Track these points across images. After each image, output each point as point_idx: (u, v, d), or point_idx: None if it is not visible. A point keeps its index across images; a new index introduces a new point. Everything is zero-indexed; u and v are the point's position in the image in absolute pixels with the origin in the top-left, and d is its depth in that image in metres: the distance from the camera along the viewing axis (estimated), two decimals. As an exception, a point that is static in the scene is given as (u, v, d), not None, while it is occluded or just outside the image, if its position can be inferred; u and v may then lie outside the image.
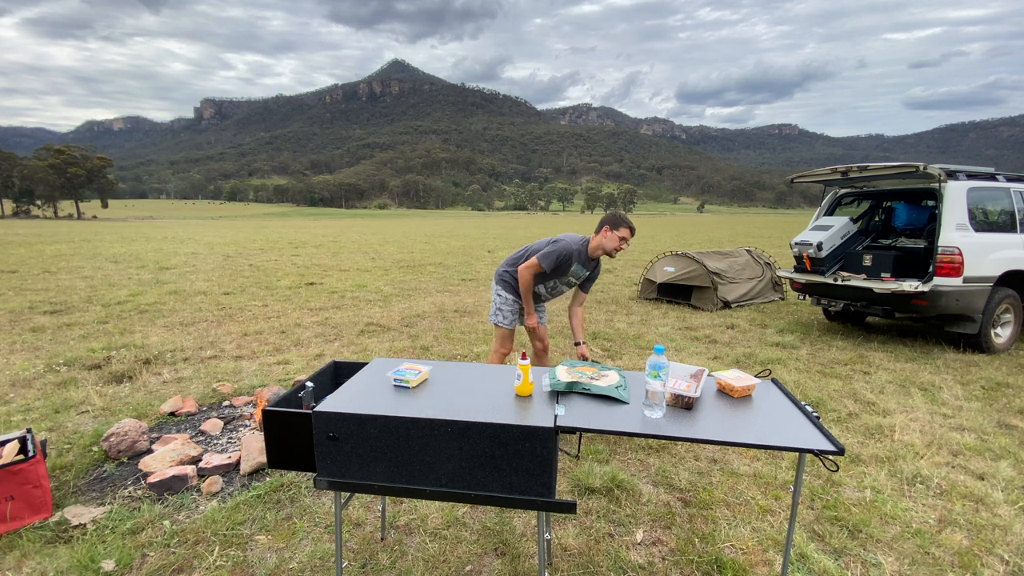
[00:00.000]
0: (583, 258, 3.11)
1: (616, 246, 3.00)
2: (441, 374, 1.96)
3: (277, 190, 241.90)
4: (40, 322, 6.30)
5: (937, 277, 4.77)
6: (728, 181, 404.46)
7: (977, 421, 3.51)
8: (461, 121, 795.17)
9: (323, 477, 1.63)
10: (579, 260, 3.10)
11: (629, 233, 2.97)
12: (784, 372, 4.57)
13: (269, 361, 4.84)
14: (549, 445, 1.49)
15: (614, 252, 3.02)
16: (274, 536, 2.27)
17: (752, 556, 2.13)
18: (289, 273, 11.37)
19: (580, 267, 3.13)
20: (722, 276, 7.58)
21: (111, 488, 2.63)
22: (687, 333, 6.02)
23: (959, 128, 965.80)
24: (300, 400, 1.83)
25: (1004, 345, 5.21)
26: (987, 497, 2.58)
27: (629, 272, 11.90)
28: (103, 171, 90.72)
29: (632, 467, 2.88)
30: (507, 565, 2.08)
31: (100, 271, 11.26)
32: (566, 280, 3.21)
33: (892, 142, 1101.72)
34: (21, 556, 2.10)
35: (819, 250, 5.59)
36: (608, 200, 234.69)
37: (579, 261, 3.11)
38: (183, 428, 3.33)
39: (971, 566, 2.08)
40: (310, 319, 6.69)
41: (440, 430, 1.54)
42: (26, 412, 3.56)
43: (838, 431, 3.36)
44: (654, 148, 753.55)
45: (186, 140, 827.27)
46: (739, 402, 1.73)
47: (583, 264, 3.13)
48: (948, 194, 4.88)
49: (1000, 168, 5.57)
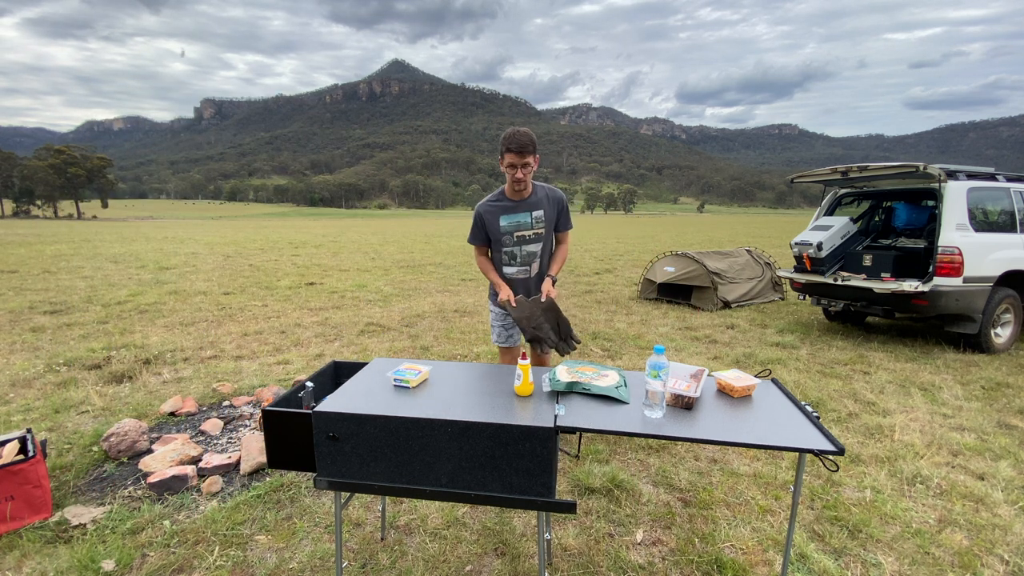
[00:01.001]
0: (505, 206, 2.61)
1: (510, 177, 2.49)
2: (441, 374, 1.96)
3: (277, 190, 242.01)
4: (40, 322, 6.30)
5: (937, 277, 4.77)
6: (728, 181, 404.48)
7: (977, 421, 3.51)
8: (461, 121, 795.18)
9: (323, 477, 1.63)
10: (503, 212, 2.61)
11: (511, 156, 2.40)
12: (784, 372, 4.57)
13: (269, 361, 4.84)
14: (549, 445, 1.49)
15: (515, 185, 2.50)
16: (274, 536, 2.27)
17: (752, 556, 2.13)
18: (289, 273, 11.37)
19: (512, 217, 2.60)
20: (722, 276, 7.58)
21: (111, 488, 2.62)
22: (687, 333, 6.02)
23: (959, 128, 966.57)
24: (300, 400, 1.83)
25: (1004, 345, 5.21)
26: (987, 497, 2.57)
27: (629, 272, 11.90)
28: (103, 171, 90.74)
29: (632, 467, 2.88)
30: (507, 565, 2.08)
31: (100, 271, 11.26)
32: (515, 240, 2.63)
33: (892, 142, 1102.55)
34: (21, 556, 2.10)
35: (819, 250, 5.59)
36: (608, 200, 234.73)
37: (504, 213, 2.61)
38: (183, 428, 3.33)
39: (971, 566, 2.08)
40: (310, 319, 6.69)
41: (440, 430, 1.54)
42: (26, 412, 3.56)
43: (838, 431, 3.36)
44: (654, 148, 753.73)
45: (186, 140, 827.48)
46: (739, 402, 1.73)
47: (510, 211, 2.60)
48: (948, 194, 4.88)
49: (1000, 168, 5.57)
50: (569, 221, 2.77)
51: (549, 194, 2.67)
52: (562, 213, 2.73)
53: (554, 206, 2.68)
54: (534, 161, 2.47)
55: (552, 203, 2.67)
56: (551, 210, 2.66)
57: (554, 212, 2.68)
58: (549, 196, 2.66)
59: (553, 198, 2.68)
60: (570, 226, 2.79)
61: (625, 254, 16.99)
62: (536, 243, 2.68)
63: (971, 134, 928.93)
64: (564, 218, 2.75)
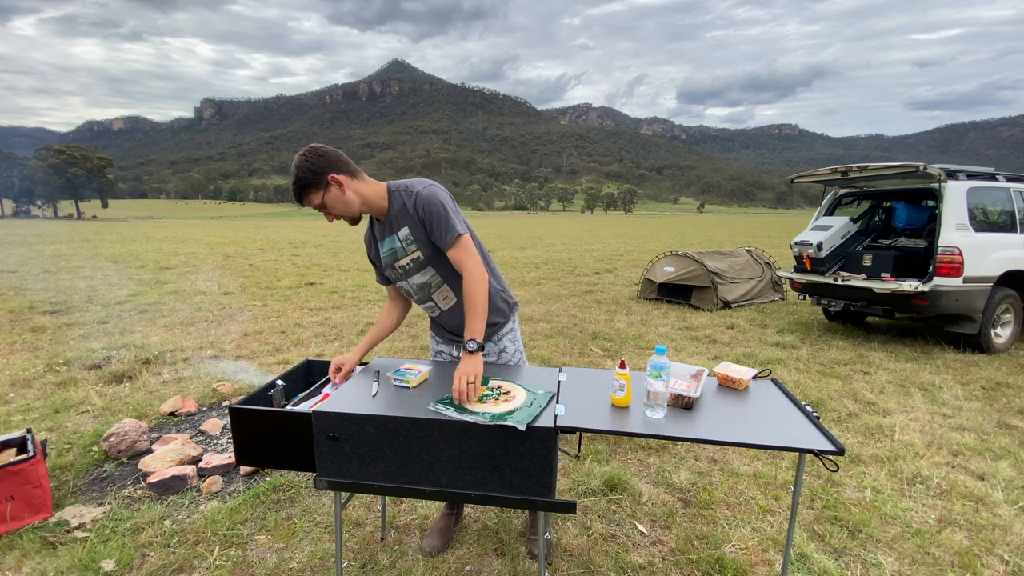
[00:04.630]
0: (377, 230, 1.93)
1: None
2: (441, 374, 1.96)
3: (277, 190, 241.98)
4: (40, 322, 6.30)
5: (937, 277, 4.77)
6: (728, 181, 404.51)
7: (977, 421, 3.51)
8: (461, 121, 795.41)
9: (323, 477, 1.63)
10: (379, 238, 1.92)
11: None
12: (784, 372, 4.57)
13: (269, 361, 4.83)
14: (549, 445, 1.49)
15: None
16: (274, 536, 2.27)
17: (752, 556, 2.12)
18: (289, 273, 11.37)
19: (384, 243, 1.90)
20: (722, 276, 7.58)
21: (111, 488, 2.62)
22: (687, 333, 6.02)
23: (959, 128, 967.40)
24: (270, 398, 1.83)
25: (1004, 345, 5.21)
26: (987, 497, 2.57)
27: (629, 272, 11.90)
28: (103, 171, 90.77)
29: (632, 467, 2.88)
30: (507, 565, 2.08)
31: (100, 271, 11.26)
32: (399, 272, 1.92)
33: (892, 142, 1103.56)
34: (21, 556, 2.10)
35: (819, 250, 5.59)
36: (608, 200, 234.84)
37: (380, 239, 1.92)
38: (183, 428, 3.33)
39: (971, 566, 2.08)
40: (310, 319, 6.69)
41: (440, 430, 1.54)
42: (26, 412, 3.56)
43: (838, 431, 3.36)
44: (654, 148, 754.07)
45: (186, 140, 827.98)
46: (739, 402, 1.73)
47: (381, 236, 1.90)
48: (948, 194, 4.88)
49: (1000, 168, 5.57)
50: (448, 232, 1.76)
51: (406, 199, 1.80)
52: (430, 223, 1.78)
53: (414, 216, 1.80)
54: (326, 195, 1.70)
55: (410, 213, 1.80)
56: (414, 223, 1.81)
57: (418, 224, 1.80)
58: (407, 203, 1.80)
59: (411, 204, 1.79)
60: (452, 240, 1.76)
61: (625, 254, 16.99)
62: (419, 272, 1.89)
63: (971, 134, 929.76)
64: (438, 230, 1.77)
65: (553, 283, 10.13)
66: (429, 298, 1.97)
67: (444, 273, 1.90)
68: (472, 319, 1.76)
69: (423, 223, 1.79)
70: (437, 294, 1.95)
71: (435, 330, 2.15)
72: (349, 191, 1.73)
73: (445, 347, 2.15)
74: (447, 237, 1.77)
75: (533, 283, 10.13)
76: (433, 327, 2.16)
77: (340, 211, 1.75)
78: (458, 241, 1.78)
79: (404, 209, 1.81)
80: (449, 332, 2.07)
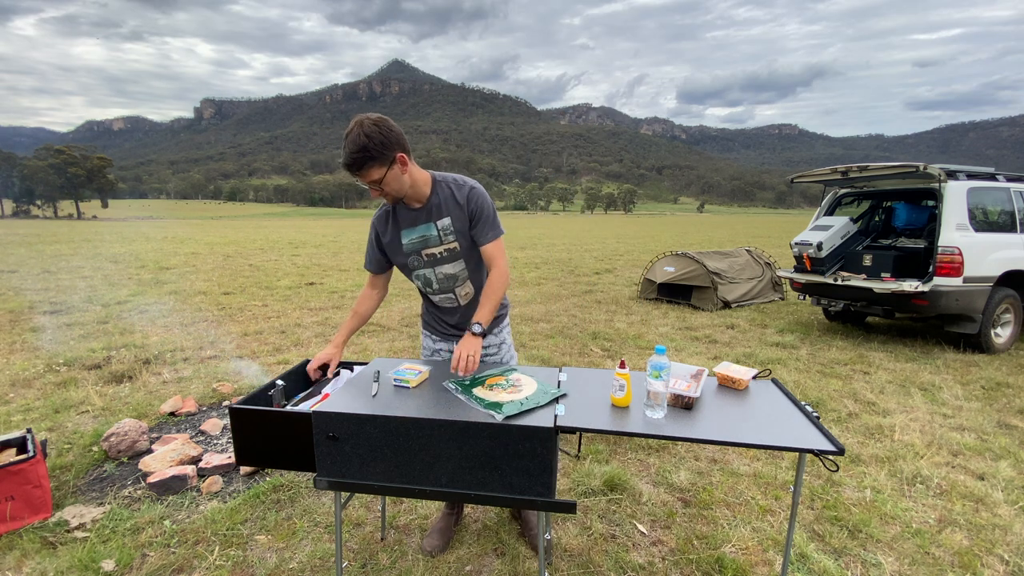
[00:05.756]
0: (405, 216, 1.91)
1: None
2: (441, 374, 1.96)
3: (277, 190, 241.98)
4: (40, 322, 6.30)
5: (937, 277, 4.78)
6: (728, 181, 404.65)
7: (977, 421, 3.51)
8: (461, 121, 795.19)
9: (323, 477, 1.63)
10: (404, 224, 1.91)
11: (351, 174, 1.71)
12: (784, 372, 4.57)
13: (269, 361, 4.83)
14: (549, 445, 1.49)
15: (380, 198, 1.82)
16: (274, 536, 2.27)
17: (752, 556, 2.13)
18: (289, 273, 11.37)
19: (414, 231, 1.90)
20: (722, 276, 7.58)
21: (111, 488, 2.62)
22: (687, 333, 6.02)
23: (959, 128, 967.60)
24: (270, 398, 1.83)
25: (1004, 345, 5.21)
26: (987, 497, 2.57)
27: (629, 272, 11.90)
28: (103, 171, 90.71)
29: (632, 467, 2.88)
30: (507, 565, 2.08)
31: (100, 271, 11.26)
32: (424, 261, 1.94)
33: (892, 142, 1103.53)
34: (21, 556, 2.10)
35: (819, 250, 5.59)
36: (608, 200, 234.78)
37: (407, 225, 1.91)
38: (183, 428, 3.33)
39: (971, 566, 2.08)
40: (310, 319, 6.69)
41: (440, 430, 1.54)
42: (26, 412, 3.56)
43: (838, 431, 3.36)
44: (654, 148, 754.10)
45: (186, 140, 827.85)
46: (739, 402, 1.73)
47: (410, 223, 1.90)
48: (948, 194, 4.88)
49: (1000, 168, 5.57)
50: (491, 229, 1.88)
51: (456, 191, 1.86)
52: (477, 217, 1.86)
53: (463, 208, 1.85)
54: (388, 172, 1.69)
55: (460, 204, 1.85)
56: (459, 214, 1.86)
57: (464, 216, 1.86)
58: (456, 194, 1.86)
59: (461, 196, 1.85)
60: (493, 237, 1.88)
61: (625, 254, 16.99)
62: (451, 262, 1.93)
63: (971, 134, 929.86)
64: (482, 225, 1.87)
65: (553, 283, 10.13)
66: (451, 290, 2.00)
67: (471, 267, 1.97)
68: (484, 308, 1.86)
69: (471, 216, 1.87)
70: (460, 287, 2.00)
71: (434, 326, 2.14)
72: (407, 172, 1.76)
73: (444, 344, 2.14)
74: (490, 233, 1.89)
75: (533, 283, 10.13)
76: (431, 324, 2.15)
77: (394, 190, 1.76)
78: (498, 239, 1.92)
79: (452, 199, 1.86)
80: (453, 327, 2.08)
